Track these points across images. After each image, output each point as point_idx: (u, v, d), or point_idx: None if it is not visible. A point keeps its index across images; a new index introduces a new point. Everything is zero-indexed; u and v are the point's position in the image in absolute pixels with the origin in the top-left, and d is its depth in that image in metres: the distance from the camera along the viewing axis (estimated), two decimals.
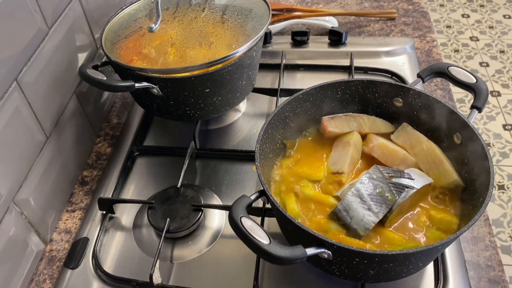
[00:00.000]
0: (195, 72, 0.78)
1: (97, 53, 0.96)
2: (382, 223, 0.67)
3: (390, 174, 0.69)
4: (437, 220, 0.68)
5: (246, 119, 0.98)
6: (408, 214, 0.70)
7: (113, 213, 0.82)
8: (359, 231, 0.65)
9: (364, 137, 0.80)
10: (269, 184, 0.75)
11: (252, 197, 0.62)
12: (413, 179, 0.69)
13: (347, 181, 0.74)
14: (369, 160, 0.77)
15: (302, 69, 1.08)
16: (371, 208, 0.66)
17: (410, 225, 0.69)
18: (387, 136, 0.80)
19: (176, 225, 0.76)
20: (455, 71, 0.77)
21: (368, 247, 0.63)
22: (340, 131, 0.79)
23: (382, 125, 0.81)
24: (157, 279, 0.71)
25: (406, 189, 0.67)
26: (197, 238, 0.78)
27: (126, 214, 0.83)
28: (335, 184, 0.74)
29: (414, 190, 0.67)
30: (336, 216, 0.67)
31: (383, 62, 1.07)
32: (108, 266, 0.75)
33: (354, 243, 0.64)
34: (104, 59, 0.84)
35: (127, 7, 0.92)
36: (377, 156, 0.76)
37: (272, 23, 1.16)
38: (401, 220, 0.69)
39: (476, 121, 2.24)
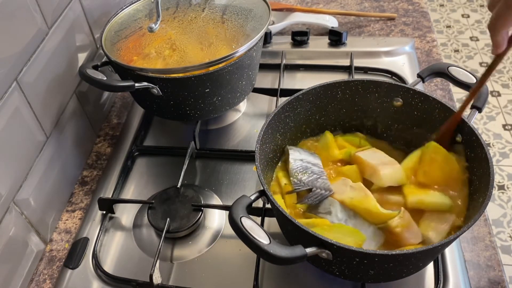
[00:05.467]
0: (195, 72, 0.78)
1: (97, 53, 0.96)
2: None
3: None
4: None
5: (246, 119, 0.98)
6: None
7: (113, 213, 0.82)
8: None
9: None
10: (269, 184, 0.75)
11: (252, 197, 0.62)
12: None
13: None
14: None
15: (302, 69, 1.08)
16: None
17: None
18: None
19: (176, 225, 0.76)
20: (455, 71, 0.77)
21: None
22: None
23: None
24: (157, 279, 0.71)
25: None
26: (197, 238, 0.78)
27: (126, 214, 0.83)
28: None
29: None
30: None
31: (383, 62, 1.07)
32: (108, 266, 0.75)
33: (354, 244, 0.64)
34: (104, 59, 0.84)
35: (127, 7, 0.92)
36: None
37: (272, 23, 1.16)
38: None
39: (476, 121, 2.24)
